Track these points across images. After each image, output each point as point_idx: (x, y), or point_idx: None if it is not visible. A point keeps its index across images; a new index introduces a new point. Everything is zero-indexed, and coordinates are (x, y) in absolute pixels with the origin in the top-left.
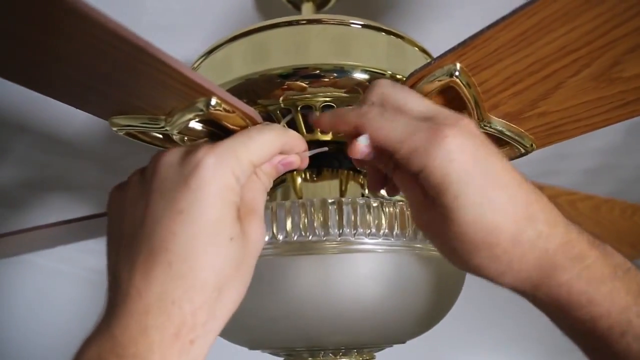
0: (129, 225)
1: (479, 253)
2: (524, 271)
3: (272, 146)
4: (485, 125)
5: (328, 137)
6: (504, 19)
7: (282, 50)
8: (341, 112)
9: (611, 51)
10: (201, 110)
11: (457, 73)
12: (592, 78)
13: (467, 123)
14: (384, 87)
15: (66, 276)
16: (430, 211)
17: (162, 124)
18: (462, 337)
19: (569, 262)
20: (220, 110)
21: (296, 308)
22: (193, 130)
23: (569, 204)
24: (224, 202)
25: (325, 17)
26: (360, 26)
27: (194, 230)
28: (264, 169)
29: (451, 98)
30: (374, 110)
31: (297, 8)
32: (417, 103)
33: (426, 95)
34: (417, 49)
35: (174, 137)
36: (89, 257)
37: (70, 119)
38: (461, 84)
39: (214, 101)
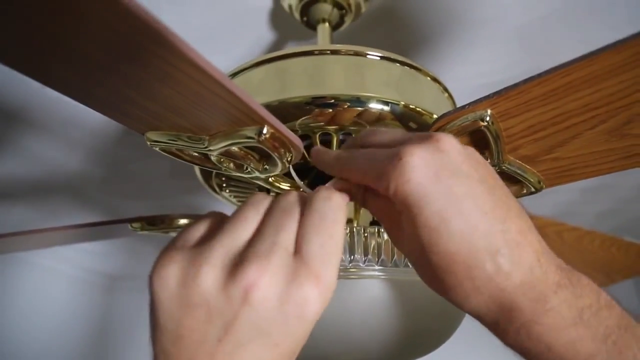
0: (195, 338)
1: (437, 278)
2: (481, 306)
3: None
4: (502, 166)
5: None
6: (540, 75)
7: (300, 79)
8: (324, 159)
9: (627, 111)
10: (251, 138)
11: (487, 118)
12: (606, 132)
13: (437, 140)
14: (362, 135)
15: (63, 276)
16: (400, 230)
17: (205, 145)
18: (460, 346)
19: (528, 303)
20: (267, 139)
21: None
22: (230, 151)
23: (556, 234)
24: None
25: (343, 48)
26: (376, 57)
27: None
28: None
29: (475, 139)
30: (346, 153)
31: (313, 29)
32: (388, 135)
33: (454, 134)
34: (429, 78)
35: (213, 157)
36: (85, 257)
37: (85, 120)
38: (489, 129)
39: (265, 130)
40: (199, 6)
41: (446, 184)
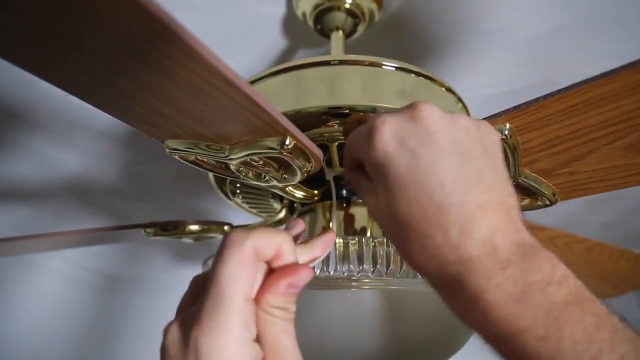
0: None
1: (399, 246)
2: (434, 275)
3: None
4: (518, 179)
5: None
6: (560, 91)
7: (316, 89)
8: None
9: None
10: (273, 149)
11: (506, 132)
12: (624, 147)
13: (413, 108)
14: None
15: (62, 275)
16: (373, 197)
17: (226, 154)
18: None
19: (474, 278)
20: (289, 150)
21: (313, 338)
22: (249, 160)
23: (565, 245)
24: None
25: (359, 58)
26: (391, 68)
27: None
28: (272, 302)
29: None
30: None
31: (326, 36)
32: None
33: None
34: (444, 89)
35: (232, 166)
36: (87, 257)
37: (91, 122)
38: (507, 142)
39: (288, 141)
40: (212, 11)
41: (411, 152)
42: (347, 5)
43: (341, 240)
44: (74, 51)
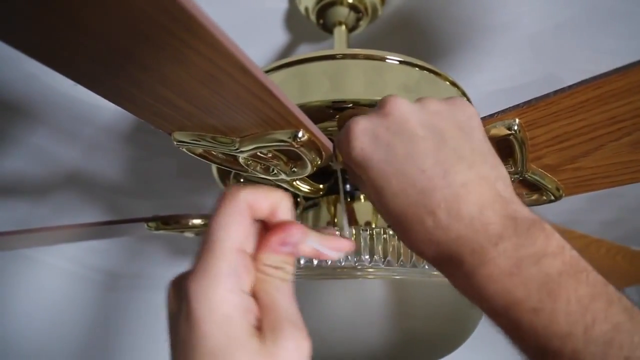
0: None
1: (400, 235)
2: (433, 257)
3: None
4: (525, 174)
5: None
6: (570, 87)
7: (320, 83)
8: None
9: None
10: (284, 142)
11: (515, 127)
12: (630, 144)
13: (382, 105)
14: None
15: (63, 272)
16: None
17: (236, 146)
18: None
19: (466, 256)
20: (302, 142)
21: (319, 329)
22: (258, 153)
23: None
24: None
25: (362, 52)
26: (395, 61)
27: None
28: (267, 261)
29: (502, 146)
30: None
31: (329, 31)
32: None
33: None
34: (448, 83)
35: (241, 159)
36: (89, 255)
37: (93, 118)
38: (516, 137)
39: (301, 133)
40: (214, 7)
41: (386, 146)
42: (349, 0)
43: (353, 231)
44: (83, 37)
